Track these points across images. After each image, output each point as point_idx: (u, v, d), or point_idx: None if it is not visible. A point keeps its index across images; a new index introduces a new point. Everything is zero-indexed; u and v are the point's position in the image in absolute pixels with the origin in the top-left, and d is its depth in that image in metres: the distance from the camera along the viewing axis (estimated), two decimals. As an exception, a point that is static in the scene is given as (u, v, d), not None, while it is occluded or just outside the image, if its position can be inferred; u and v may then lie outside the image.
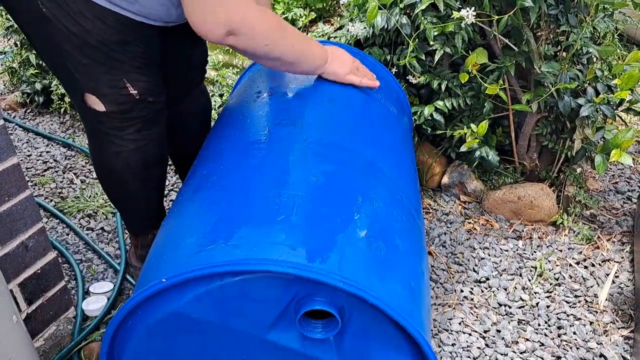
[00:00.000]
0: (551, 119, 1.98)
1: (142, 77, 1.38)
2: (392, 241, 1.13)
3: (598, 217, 2.08)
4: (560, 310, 1.71)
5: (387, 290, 1.02)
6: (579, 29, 1.81)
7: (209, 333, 1.09)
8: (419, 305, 1.10)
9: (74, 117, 2.72)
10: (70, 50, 1.30)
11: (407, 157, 1.51)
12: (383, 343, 1.04)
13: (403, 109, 1.73)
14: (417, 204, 1.39)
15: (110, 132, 1.43)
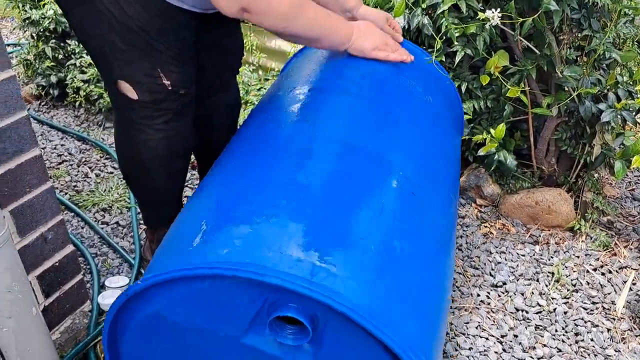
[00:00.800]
0: (571, 124, 1.97)
1: (176, 69, 1.38)
2: (389, 244, 1.08)
3: (615, 223, 2.07)
4: (577, 316, 1.70)
5: (366, 297, 0.95)
6: (602, 33, 1.80)
7: (188, 335, 1.09)
8: (413, 314, 1.03)
9: (88, 111, 2.72)
10: (109, 34, 1.30)
11: (438, 153, 1.46)
12: (361, 353, 0.99)
13: (451, 103, 1.68)
14: (441, 202, 1.35)
15: (141, 121, 1.44)
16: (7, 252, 1.19)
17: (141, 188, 1.65)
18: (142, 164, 1.52)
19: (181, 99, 1.43)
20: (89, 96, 2.66)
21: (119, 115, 1.51)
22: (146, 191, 1.65)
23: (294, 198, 1.10)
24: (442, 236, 1.30)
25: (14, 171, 1.30)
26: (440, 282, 1.21)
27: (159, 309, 1.07)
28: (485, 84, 1.85)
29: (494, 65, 1.75)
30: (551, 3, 1.63)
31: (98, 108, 2.65)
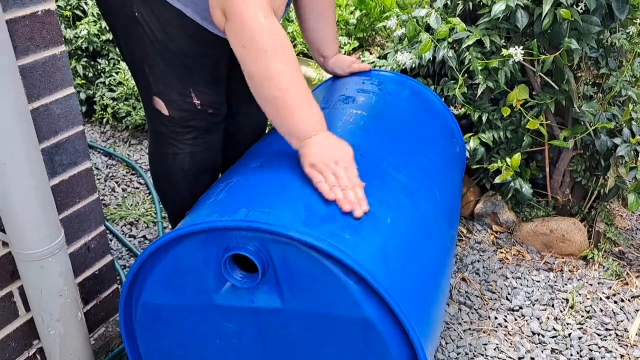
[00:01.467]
0: (586, 157, 2.05)
1: (207, 90, 1.47)
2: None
3: (627, 254, 2.14)
4: (592, 342, 1.76)
5: (308, 226, 1.03)
6: (619, 72, 1.90)
7: (173, 317, 1.18)
8: (371, 240, 1.08)
9: (115, 128, 2.80)
10: (150, 53, 1.40)
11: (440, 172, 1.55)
12: (320, 281, 1.03)
13: (456, 140, 1.78)
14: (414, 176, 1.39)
15: (171, 136, 1.52)
16: (62, 257, 1.27)
17: (169, 200, 1.72)
18: (170, 176, 1.60)
19: (210, 118, 1.52)
20: (117, 113, 2.74)
21: (152, 128, 1.59)
22: (174, 203, 1.72)
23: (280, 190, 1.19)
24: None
25: (67, 182, 1.37)
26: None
27: (144, 298, 1.19)
28: (506, 116, 1.94)
29: (516, 98, 1.84)
30: (572, 42, 1.72)
31: (125, 125, 2.73)
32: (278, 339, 1.11)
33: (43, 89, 1.24)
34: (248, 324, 1.12)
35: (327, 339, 1.07)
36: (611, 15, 1.80)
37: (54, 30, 1.22)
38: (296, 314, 1.07)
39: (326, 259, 1.01)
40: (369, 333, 1.02)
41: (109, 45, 2.82)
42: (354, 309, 1.02)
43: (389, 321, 1.02)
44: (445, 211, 1.42)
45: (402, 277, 1.09)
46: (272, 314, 1.09)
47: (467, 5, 1.94)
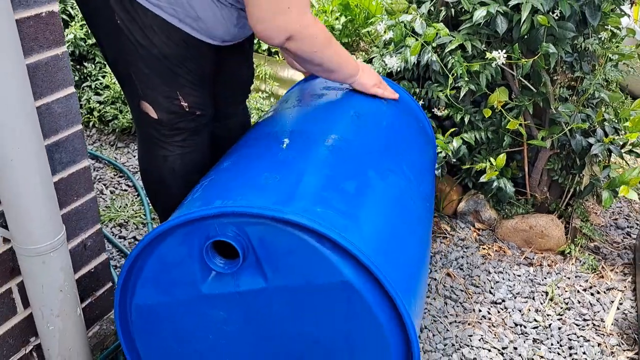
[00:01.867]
0: (562, 156, 2.15)
1: (193, 92, 1.51)
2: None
3: (601, 249, 2.23)
4: (570, 331, 1.84)
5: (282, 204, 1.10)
6: (592, 75, 2.00)
7: (166, 314, 1.23)
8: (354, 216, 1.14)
9: (101, 132, 2.82)
10: (135, 59, 1.43)
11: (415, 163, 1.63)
12: (298, 253, 1.09)
13: (429, 140, 1.87)
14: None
15: (160, 138, 1.55)
16: (63, 253, 1.30)
17: (160, 201, 1.75)
18: (161, 178, 1.63)
19: (197, 120, 1.56)
20: (103, 117, 2.76)
21: (141, 132, 1.62)
22: (165, 204, 1.75)
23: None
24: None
25: (66, 180, 1.40)
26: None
27: (137, 300, 1.23)
28: (487, 117, 2.03)
29: (497, 99, 1.92)
30: (550, 47, 1.81)
31: (112, 128, 2.75)
32: (265, 318, 1.16)
33: (45, 89, 1.27)
34: (236, 308, 1.17)
35: (312, 310, 1.12)
36: (584, 21, 1.90)
37: (57, 31, 1.25)
38: (280, 290, 1.12)
39: (300, 231, 1.07)
40: (350, 295, 1.07)
41: (95, 49, 2.84)
42: (332, 275, 1.07)
43: (367, 281, 1.07)
44: (421, 192, 1.49)
45: (375, 240, 1.14)
46: (257, 295, 1.13)
47: (450, 12, 2.02)
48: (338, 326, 1.12)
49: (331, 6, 2.72)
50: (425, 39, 1.91)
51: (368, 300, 1.07)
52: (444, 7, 2.02)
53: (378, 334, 1.10)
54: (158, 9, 1.37)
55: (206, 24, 1.42)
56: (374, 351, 1.13)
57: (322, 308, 1.11)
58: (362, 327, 1.11)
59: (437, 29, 1.90)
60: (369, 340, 1.12)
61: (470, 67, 1.95)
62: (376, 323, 1.09)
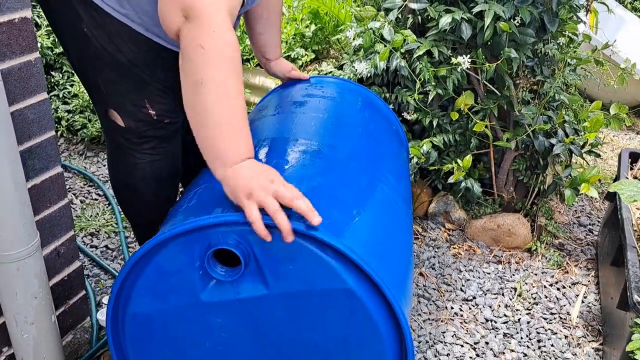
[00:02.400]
0: (527, 156, 2.22)
1: (162, 100, 1.50)
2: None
3: (566, 246, 2.32)
4: (539, 325, 1.91)
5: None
6: (552, 79, 2.08)
7: (162, 322, 1.23)
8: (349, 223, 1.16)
9: (69, 141, 2.79)
10: (102, 67, 1.42)
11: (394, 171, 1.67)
12: (301, 260, 1.09)
13: (402, 143, 1.92)
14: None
15: (129, 146, 1.54)
16: (37, 260, 1.29)
17: (132, 210, 1.73)
18: (132, 187, 1.62)
19: (166, 127, 1.55)
20: (71, 126, 2.73)
21: (110, 140, 1.60)
22: (137, 213, 1.74)
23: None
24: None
25: (39, 186, 1.39)
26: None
27: (135, 307, 1.22)
28: (454, 120, 2.09)
29: (463, 103, 1.99)
30: (512, 52, 1.89)
31: (80, 137, 2.72)
32: (264, 324, 1.17)
33: (18, 95, 1.27)
34: (234, 315, 1.18)
35: (312, 316, 1.14)
36: (544, 27, 1.99)
37: (30, 37, 1.25)
38: (281, 297, 1.13)
39: (303, 239, 1.08)
40: (352, 302, 1.10)
41: (62, 58, 2.81)
42: (335, 282, 1.09)
43: (368, 288, 1.10)
44: (402, 195, 1.53)
45: (372, 246, 1.18)
46: (258, 302, 1.15)
47: (417, 19, 2.08)
48: (337, 331, 1.15)
49: (301, 14, 2.76)
50: (394, 45, 1.96)
51: (369, 307, 1.10)
52: (411, 14, 2.08)
53: (376, 339, 1.13)
54: (125, 17, 1.37)
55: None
56: (370, 356, 1.15)
57: (321, 314, 1.13)
58: (361, 333, 1.13)
59: (404, 35, 1.96)
60: (367, 345, 1.14)
61: (437, 72, 2.01)
62: (375, 329, 1.12)
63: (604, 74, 2.28)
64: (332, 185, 1.29)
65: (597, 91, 3.39)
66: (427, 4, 1.98)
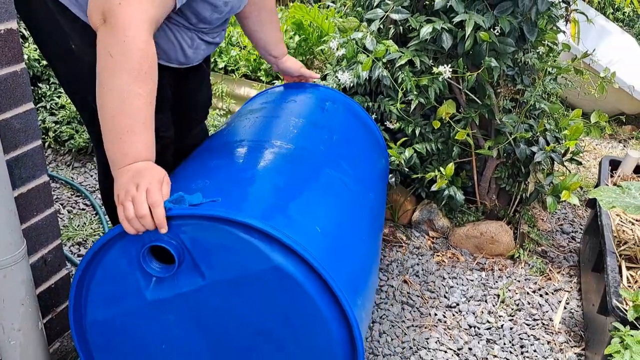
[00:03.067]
0: (508, 164, 2.26)
1: (155, 115, 1.53)
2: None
3: (548, 253, 2.35)
4: (522, 331, 1.93)
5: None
6: (532, 88, 2.13)
7: (119, 326, 1.26)
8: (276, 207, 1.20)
9: (57, 152, 2.80)
10: (92, 83, 1.44)
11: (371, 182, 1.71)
12: (228, 246, 1.12)
13: (382, 152, 1.95)
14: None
15: None
16: (24, 266, 1.30)
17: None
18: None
19: (159, 142, 1.57)
20: (59, 137, 2.74)
21: (101, 154, 1.60)
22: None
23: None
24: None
25: (25, 195, 1.41)
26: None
27: (91, 316, 1.27)
28: (436, 129, 2.13)
29: (445, 111, 2.03)
30: (492, 61, 1.93)
31: (68, 148, 2.74)
32: (209, 315, 1.19)
33: (4, 104, 1.28)
34: (182, 309, 1.20)
35: (251, 301, 1.16)
36: (523, 37, 2.03)
37: (16, 47, 1.28)
38: (217, 285, 1.16)
39: (226, 225, 1.12)
40: (284, 280, 1.12)
41: (49, 70, 2.83)
42: (262, 262, 1.12)
43: (298, 264, 1.11)
44: (364, 197, 1.55)
45: (306, 226, 1.21)
46: (198, 293, 1.18)
47: (398, 29, 2.12)
48: (276, 313, 1.16)
49: (285, 25, 2.80)
50: (376, 55, 2.00)
51: (299, 280, 1.11)
52: (393, 25, 2.12)
53: (315, 312, 1.13)
54: None
55: (160, 47, 1.44)
56: (315, 334, 1.16)
57: (258, 297, 1.15)
58: (300, 309, 1.14)
59: (387, 45, 2.00)
60: (309, 321, 1.15)
61: (419, 82, 2.05)
62: (312, 303, 1.13)
63: (585, 82, 2.34)
64: (269, 177, 1.34)
65: (578, 100, 3.46)
66: (409, 14, 2.03)
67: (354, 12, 2.33)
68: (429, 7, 2.06)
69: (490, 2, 1.96)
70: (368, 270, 1.41)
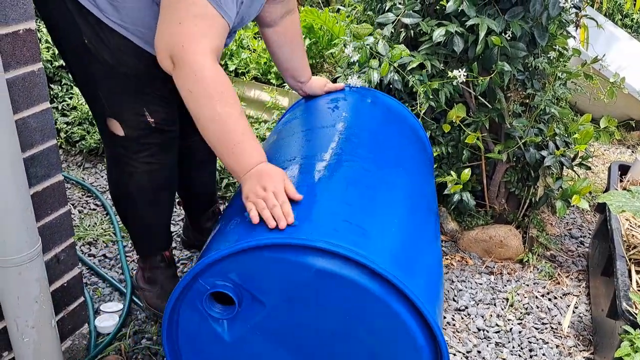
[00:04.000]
0: (518, 169, 2.27)
1: (160, 109, 1.55)
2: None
3: (557, 257, 2.35)
4: (530, 335, 1.93)
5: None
6: (542, 92, 2.14)
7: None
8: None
9: (68, 152, 2.82)
10: (102, 77, 1.47)
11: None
12: (271, 269, 1.17)
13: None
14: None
15: (127, 155, 1.58)
16: (38, 264, 1.32)
17: (130, 218, 1.77)
18: (129, 195, 1.66)
19: (165, 135, 1.59)
20: (70, 138, 2.77)
21: (108, 150, 1.64)
22: (134, 221, 1.77)
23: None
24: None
25: (40, 194, 1.42)
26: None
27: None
28: (446, 132, 2.13)
29: (455, 115, 2.03)
30: (505, 65, 1.94)
31: (79, 149, 2.76)
32: (286, 332, 1.24)
33: (22, 103, 1.30)
34: (262, 338, 1.25)
35: (327, 311, 1.20)
36: (534, 42, 2.04)
37: (34, 48, 1.29)
38: (277, 306, 1.20)
39: (268, 251, 1.16)
40: (350, 289, 1.15)
41: (61, 71, 2.86)
42: (305, 272, 1.15)
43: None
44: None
45: (380, 246, 1.22)
46: (265, 319, 1.22)
47: (409, 33, 2.13)
48: (354, 317, 1.19)
49: (296, 29, 2.81)
50: (394, 59, 2.01)
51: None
52: (404, 28, 2.13)
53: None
54: (125, 30, 1.41)
55: None
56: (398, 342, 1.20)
57: (326, 305, 1.19)
58: (385, 324, 1.18)
59: (400, 50, 2.01)
60: (394, 336, 1.18)
61: (430, 85, 2.06)
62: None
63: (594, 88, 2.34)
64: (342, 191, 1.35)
65: (588, 105, 3.45)
66: (420, 18, 2.04)
67: (365, 16, 2.34)
68: (440, 12, 2.07)
69: (501, 7, 1.97)
70: (440, 277, 1.43)
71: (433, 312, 1.17)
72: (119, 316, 1.82)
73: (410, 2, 2.07)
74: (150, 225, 1.77)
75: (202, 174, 1.99)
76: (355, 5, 2.49)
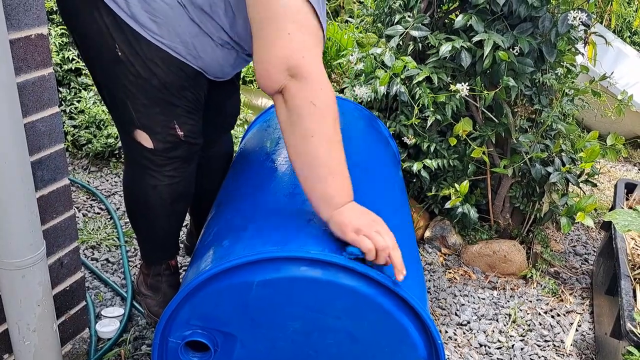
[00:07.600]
0: (523, 184, 2.26)
1: (189, 121, 1.53)
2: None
3: (561, 274, 2.34)
4: (532, 352, 1.92)
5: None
6: (550, 108, 2.14)
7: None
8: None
9: (74, 156, 2.83)
10: (133, 89, 1.45)
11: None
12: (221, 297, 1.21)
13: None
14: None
15: (152, 167, 1.56)
16: (42, 268, 1.32)
17: (144, 226, 1.75)
18: (148, 205, 1.64)
19: (191, 148, 1.58)
20: (77, 141, 2.78)
21: (131, 159, 1.62)
22: (148, 229, 1.76)
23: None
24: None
25: (46, 197, 1.43)
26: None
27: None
28: (452, 145, 2.13)
29: (461, 129, 2.03)
30: (510, 80, 1.94)
31: (85, 152, 2.77)
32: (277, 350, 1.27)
33: (31, 107, 1.31)
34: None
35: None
36: (542, 58, 2.04)
37: (45, 52, 1.30)
38: (245, 332, 1.26)
39: (209, 284, 1.22)
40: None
41: (70, 75, 2.88)
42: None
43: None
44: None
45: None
46: (244, 349, 1.26)
47: (417, 46, 2.14)
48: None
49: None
50: (394, 71, 2.01)
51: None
52: (412, 41, 2.14)
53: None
54: (161, 43, 1.40)
55: (204, 62, 1.46)
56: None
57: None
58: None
59: (405, 61, 2.01)
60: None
61: (436, 98, 2.06)
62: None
63: (602, 105, 2.34)
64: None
65: (595, 122, 3.45)
66: (428, 32, 2.04)
67: (374, 28, 2.35)
68: (449, 26, 2.08)
69: (510, 23, 1.97)
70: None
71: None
72: (120, 321, 1.82)
73: (420, 15, 2.08)
74: (163, 235, 1.76)
75: (214, 183, 1.99)
76: (364, 17, 2.50)
